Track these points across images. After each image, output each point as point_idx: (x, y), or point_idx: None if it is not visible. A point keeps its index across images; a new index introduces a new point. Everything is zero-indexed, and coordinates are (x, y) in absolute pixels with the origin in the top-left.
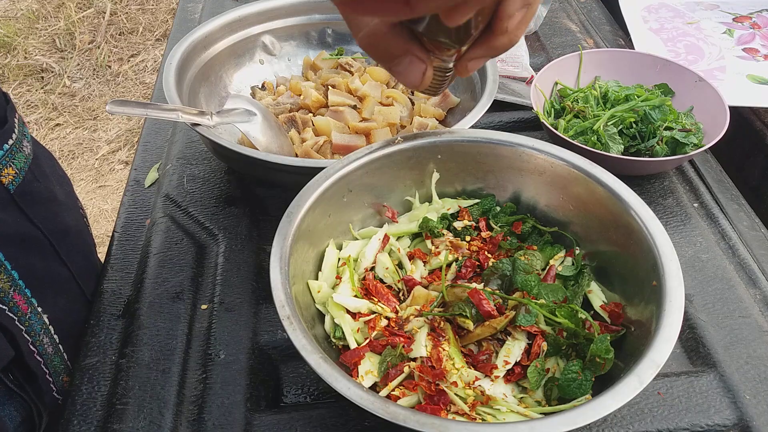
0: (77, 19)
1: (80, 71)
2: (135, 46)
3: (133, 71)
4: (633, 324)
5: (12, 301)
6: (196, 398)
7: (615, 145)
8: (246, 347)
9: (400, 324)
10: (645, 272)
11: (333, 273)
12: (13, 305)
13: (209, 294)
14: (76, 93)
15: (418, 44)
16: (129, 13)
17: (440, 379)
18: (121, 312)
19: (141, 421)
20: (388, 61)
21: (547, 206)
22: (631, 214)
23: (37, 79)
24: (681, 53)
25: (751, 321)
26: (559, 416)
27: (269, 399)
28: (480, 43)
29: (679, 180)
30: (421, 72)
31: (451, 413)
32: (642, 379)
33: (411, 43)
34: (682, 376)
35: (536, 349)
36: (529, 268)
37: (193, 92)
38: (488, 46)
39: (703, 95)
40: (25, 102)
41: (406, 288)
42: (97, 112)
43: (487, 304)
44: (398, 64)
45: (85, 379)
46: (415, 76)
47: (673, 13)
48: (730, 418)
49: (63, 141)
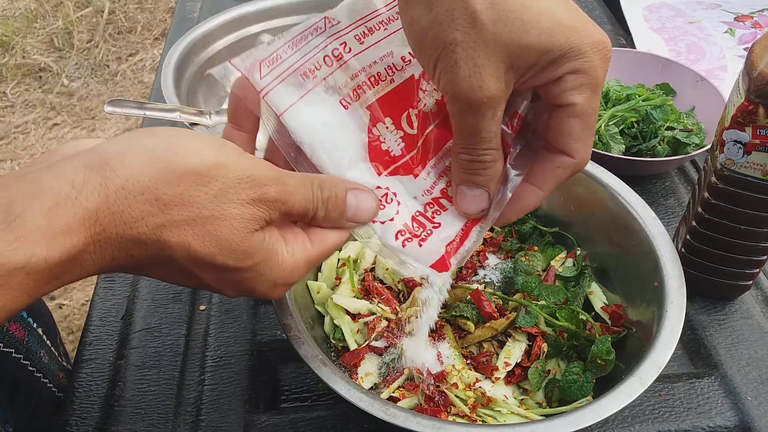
0: (75, 18)
1: (78, 70)
2: (133, 45)
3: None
4: (634, 325)
5: (7, 333)
6: (194, 400)
7: (616, 145)
8: (245, 348)
9: (400, 325)
10: (646, 273)
11: (332, 274)
12: (9, 338)
13: (208, 295)
14: (74, 92)
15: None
16: (127, 12)
17: (440, 381)
18: (119, 313)
19: (139, 422)
20: (478, 142)
21: (547, 207)
22: (632, 214)
23: (35, 78)
24: (682, 52)
25: (752, 322)
26: (560, 418)
27: (268, 400)
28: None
29: (681, 180)
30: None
31: (451, 415)
32: (643, 380)
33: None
34: (683, 377)
35: (537, 350)
36: (529, 269)
37: (192, 92)
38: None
39: (705, 95)
40: (23, 102)
41: (406, 289)
42: (95, 112)
43: (488, 305)
44: (486, 154)
45: (83, 381)
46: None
47: (675, 12)
48: (732, 420)
49: (61, 141)
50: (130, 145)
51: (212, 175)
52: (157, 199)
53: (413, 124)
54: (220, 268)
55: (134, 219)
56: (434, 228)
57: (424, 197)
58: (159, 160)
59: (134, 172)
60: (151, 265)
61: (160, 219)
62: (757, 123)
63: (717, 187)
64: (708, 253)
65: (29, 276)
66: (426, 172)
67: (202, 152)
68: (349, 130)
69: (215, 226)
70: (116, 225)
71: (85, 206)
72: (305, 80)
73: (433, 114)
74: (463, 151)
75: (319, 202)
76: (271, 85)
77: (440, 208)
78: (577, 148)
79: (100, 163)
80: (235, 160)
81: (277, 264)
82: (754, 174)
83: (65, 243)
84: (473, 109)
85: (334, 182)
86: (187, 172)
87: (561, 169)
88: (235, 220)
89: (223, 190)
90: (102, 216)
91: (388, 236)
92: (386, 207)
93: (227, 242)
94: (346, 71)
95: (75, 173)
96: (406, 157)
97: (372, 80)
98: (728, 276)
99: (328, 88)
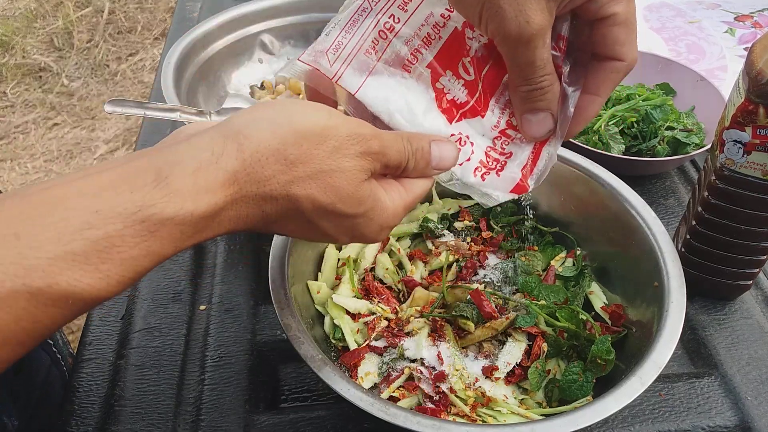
0: (75, 18)
1: (78, 70)
2: (133, 45)
3: (131, 70)
4: (634, 325)
5: None
6: (194, 399)
7: (616, 144)
8: (245, 348)
9: (400, 325)
10: (646, 273)
11: (332, 273)
12: None
13: (208, 295)
14: (74, 92)
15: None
16: (127, 11)
17: (441, 381)
18: (119, 313)
19: (139, 422)
20: (534, 71)
21: (548, 206)
22: (632, 214)
23: (35, 78)
24: (682, 52)
25: (752, 322)
26: (560, 418)
27: (268, 400)
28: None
29: (681, 180)
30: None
31: (451, 415)
32: (643, 380)
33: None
34: (683, 377)
35: (537, 350)
36: (529, 269)
37: (192, 91)
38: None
39: (705, 95)
40: (23, 101)
41: (406, 289)
42: (95, 112)
43: (488, 305)
44: (543, 81)
45: (83, 381)
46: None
47: (675, 12)
48: (732, 420)
49: (61, 141)
50: (254, 116)
51: (326, 134)
52: (285, 159)
53: (470, 71)
54: (339, 215)
55: (267, 178)
56: (507, 159)
57: (493, 132)
58: (282, 126)
59: (264, 137)
60: (278, 219)
61: (289, 176)
62: (757, 123)
63: (717, 186)
64: (708, 252)
65: (177, 227)
66: (490, 111)
67: (315, 116)
68: (416, 90)
69: (334, 178)
70: (251, 184)
71: (225, 169)
72: (368, 57)
73: (484, 57)
74: (522, 83)
75: (409, 154)
76: (341, 70)
77: (507, 139)
78: (625, 52)
79: (234, 133)
80: (342, 121)
81: (382, 210)
82: (754, 174)
83: (209, 200)
84: (524, 44)
85: (419, 136)
86: (306, 133)
87: (615, 74)
88: (349, 171)
89: (336, 146)
90: (239, 177)
91: (467, 175)
92: (461, 150)
93: (344, 191)
94: (401, 39)
95: (213, 142)
96: (471, 101)
97: (425, 41)
98: (728, 276)
99: (390, 58)
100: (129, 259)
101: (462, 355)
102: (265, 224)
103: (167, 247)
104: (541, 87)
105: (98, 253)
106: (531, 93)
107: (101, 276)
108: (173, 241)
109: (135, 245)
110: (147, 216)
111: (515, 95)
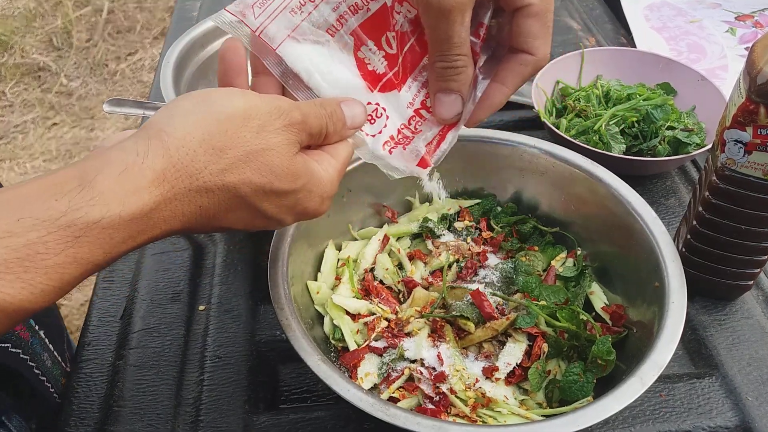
0: (74, 17)
1: (77, 70)
2: (132, 45)
3: (130, 70)
4: (635, 325)
5: (14, 334)
6: (193, 400)
7: (617, 144)
8: (244, 348)
9: (400, 325)
10: (647, 273)
11: (332, 274)
12: (16, 338)
13: (207, 295)
14: (73, 92)
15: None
16: (126, 11)
17: (441, 381)
18: (118, 314)
19: (138, 423)
20: (451, 48)
21: (548, 206)
22: (633, 214)
23: (34, 77)
24: (683, 52)
25: (753, 322)
26: (561, 418)
27: (268, 401)
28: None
29: (682, 180)
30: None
31: (451, 415)
32: (644, 380)
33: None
34: (684, 377)
35: (537, 350)
36: (530, 269)
37: (191, 91)
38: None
39: (706, 94)
40: (22, 101)
41: (406, 289)
42: (94, 111)
43: (488, 305)
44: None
45: (82, 381)
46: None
47: (675, 11)
48: (733, 420)
49: (60, 140)
50: (172, 112)
51: (248, 115)
52: (212, 147)
53: (392, 45)
54: (279, 193)
55: (198, 170)
56: (415, 135)
57: (408, 110)
58: (203, 115)
59: (187, 130)
60: (217, 212)
61: (221, 164)
62: (758, 123)
63: (718, 186)
64: (709, 253)
65: (104, 231)
66: (407, 87)
67: (232, 100)
68: (339, 55)
69: (265, 156)
70: (183, 179)
71: (152, 168)
72: (294, 16)
73: (408, 33)
74: (438, 58)
75: (326, 118)
76: (265, 23)
77: (421, 119)
78: (537, 46)
79: (156, 131)
80: (260, 99)
81: (319, 180)
82: (755, 174)
83: (137, 200)
84: (444, 15)
85: (329, 101)
86: (228, 118)
87: (523, 66)
88: (279, 147)
89: (261, 125)
90: (169, 174)
91: (377, 147)
92: (376, 121)
93: (279, 168)
94: (329, 5)
95: (137, 144)
96: (389, 74)
97: (352, 9)
98: (729, 276)
99: (316, 21)
100: (54, 266)
101: (462, 355)
102: (204, 220)
103: (96, 253)
104: (455, 66)
105: (19, 261)
106: (445, 71)
107: (23, 285)
108: (102, 246)
109: (60, 251)
110: (71, 221)
111: (432, 72)
